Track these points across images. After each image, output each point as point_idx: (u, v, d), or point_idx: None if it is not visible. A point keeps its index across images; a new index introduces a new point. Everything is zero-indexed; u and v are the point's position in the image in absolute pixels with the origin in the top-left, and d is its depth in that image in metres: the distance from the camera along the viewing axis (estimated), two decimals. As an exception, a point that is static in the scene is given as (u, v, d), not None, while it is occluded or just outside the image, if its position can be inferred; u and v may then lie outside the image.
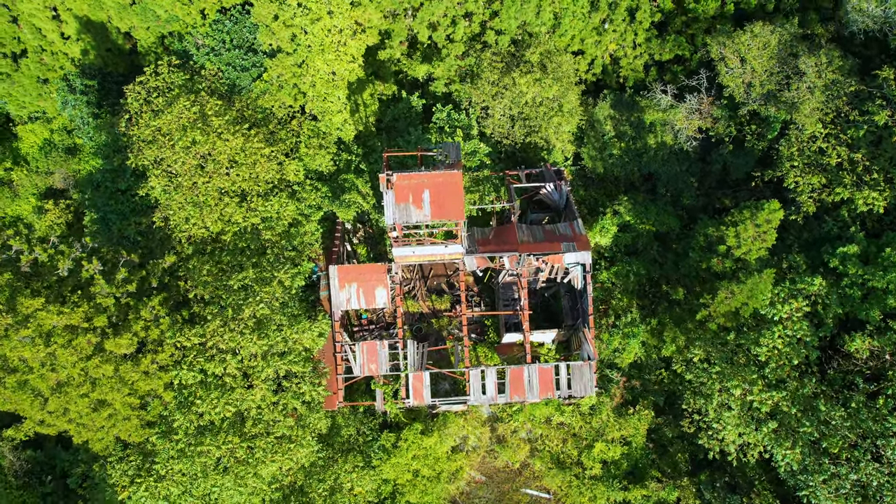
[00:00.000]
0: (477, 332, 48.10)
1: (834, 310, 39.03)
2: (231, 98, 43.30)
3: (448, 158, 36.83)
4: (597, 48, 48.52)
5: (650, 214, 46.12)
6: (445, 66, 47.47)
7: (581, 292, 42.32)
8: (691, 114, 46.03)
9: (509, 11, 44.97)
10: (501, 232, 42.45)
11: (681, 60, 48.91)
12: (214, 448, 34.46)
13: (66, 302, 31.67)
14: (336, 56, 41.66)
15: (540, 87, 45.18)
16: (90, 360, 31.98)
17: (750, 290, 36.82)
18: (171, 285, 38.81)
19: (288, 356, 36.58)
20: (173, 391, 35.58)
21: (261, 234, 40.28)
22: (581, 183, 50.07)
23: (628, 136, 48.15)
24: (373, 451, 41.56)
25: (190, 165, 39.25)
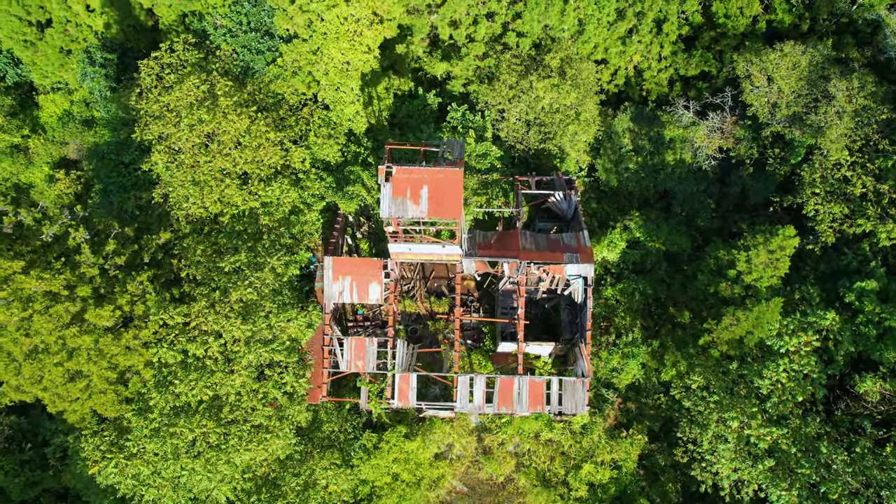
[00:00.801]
0: (473, 339, 46.43)
1: (846, 347, 36.56)
2: (244, 81, 42.55)
3: (451, 155, 35.39)
4: (621, 58, 46.72)
5: (661, 233, 44.05)
6: (464, 65, 46.14)
7: (581, 306, 40.43)
8: (712, 132, 43.94)
9: (532, 14, 43.48)
10: (504, 237, 40.83)
11: (707, 77, 46.84)
12: (188, 430, 33.41)
13: (49, 268, 30.93)
14: (350, 45, 40.61)
15: (557, 93, 43.56)
16: (68, 329, 31.19)
17: (756, 319, 34.59)
18: (165, 263, 38.01)
19: (271, 344, 35.43)
20: (153, 369, 34.61)
21: (259, 219, 39.30)
22: (594, 195, 48.19)
23: (646, 151, 46.18)
24: (353, 449, 40.14)
25: (193, 143, 38.48)
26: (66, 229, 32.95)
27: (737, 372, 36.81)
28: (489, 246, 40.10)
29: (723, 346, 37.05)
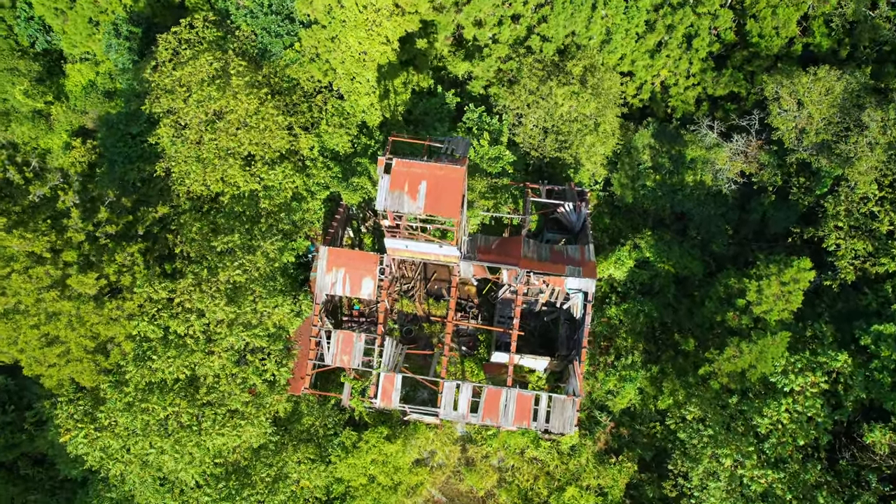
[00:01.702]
0: (468, 346, 44.64)
1: (857, 393, 33.83)
2: (260, 63, 41.72)
3: (454, 152, 33.83)
4: (647, 72, 44.67)
5: (673, 255, 41.78)
6: (485, 66, 44.62)
7: (579, 322, 38.38)
8: (736, 155, 41.59)
9: (558, 18, 41.77)
10: (506, 243, 39.06)
11: (735, 98, 44.48)
12: (160, 408, 32.36)
13: (33, 229, 30.22)
14: (368, 35, 39.45)
15: (577, 101, 41.72)
16: (48, 293, 30.41)
17: (760, 352, 32.18)
18: (160, 237, 37.16)
19: (254, 329, 34.23)
20: (134, 342, 33.67)
21: (259, 202, 38.26)
22: (607, 210, 46.11)
23: (665, 170, 43.98)
24: (332, 446, 38.61)
25: (200, 120, 37.68)
26: (56, 192, 32.26)
27: (736, 407, 34.36)
28: (489, 251, 38.37)
29: (723, 378, 34.63)
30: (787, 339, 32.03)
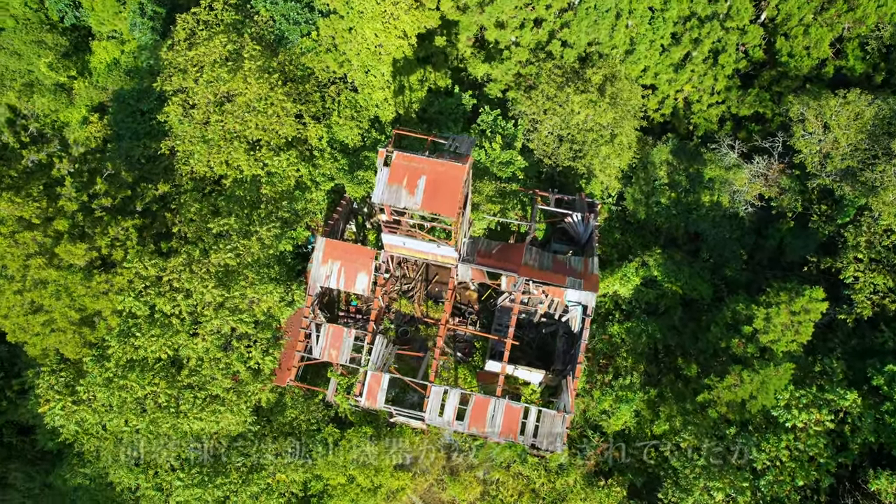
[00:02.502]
0: (464, 353, 43.11)
1: (865, 435, 31.51)
2: (276, 49, 41.02)
3: (457, 150, 32.55)
4: (670, 86, 42.92)
5: (682, 275, 39.82)
6: (504, 69, 43.33)
7: (577, 336, 36.63)
8: (756, 178, 39.56)
9: (580, 25, 40.32)
10: (507, 249, 37.55)
11: (760, 119, 42.48)
12: (138, 386, 31.50)
13: (25, 194, 29.68)
14: (384, 27, 38.51)
15: (593, 110, 40.16)
16: (34, 259, 29.79)
17: (762, 382, 30.11)
18: (159, 215, 36.48)
19: (240, 314, 33.21)
20: (120, 318, 32.92)
21: (261, 188, 37.40)
22: (618, 225, 44.31)
23: (681, 188, 42.09)
24: (313, 442, 37.32)
25: (208, 101, 37.04)
26: (52, 159, 31.77)
27: (733, 439, 32.23)
28: (490, 255, 36.90)
29: (722, 407, 32.56)
30: (790, 371, 29.92)
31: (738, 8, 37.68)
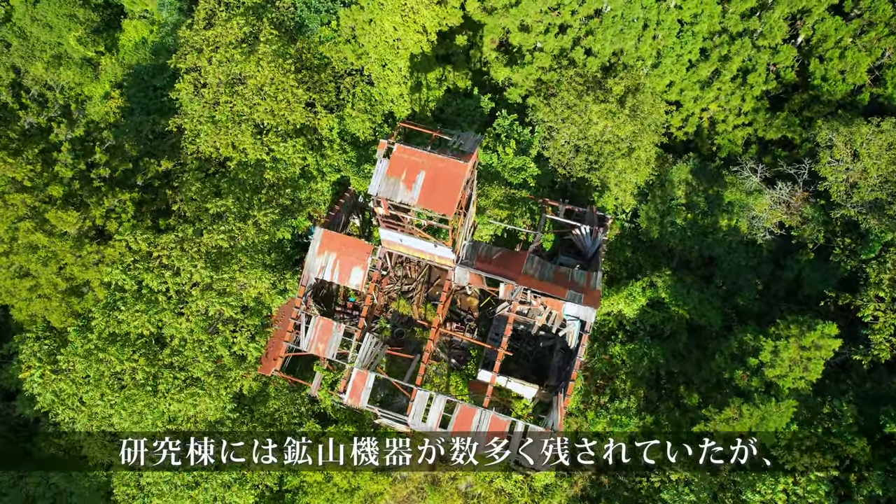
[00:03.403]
0: (459, 360, 41.43)
1: (871, 488, 28.97)
2: (295, 37, 40.26)
3: (461, 147, 31.13)
4: (695, 104, 40.93)
5: (691, 300, 37.66)
6: (525, 73, 41.86)
7: (573, 352, 34.74)
8: (777, 204, 37.28)
9: (606, 33, 38.67)
10: (509, 256, 35.90)
11: (788, 144, 40.15)
12: (116, 360, 30.63)
13: (18, 155, 29.13)
14: (403, 21, 37.42)
15: (612, 121, 38.40)
16: (22, 222, 29.18)
17: (761, 418, 27.84)
18: (161, 191, 35.77)
19: (227, 297, 32.15)
20: (108, 290, 32.17)
21: (264, 172, 36.48)
22: (629, 243, 42.30)
23: (699, 210, 39.96)
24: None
25: (219, 81, 36.34)
26: (50, 124, 31.22)
27: (727, 476, 29.91)
28: (489, 261, 35.30)
29: (719, 440, 30.26)
30: (792, 409, 27.62)
31: (772, 26, 35.65)
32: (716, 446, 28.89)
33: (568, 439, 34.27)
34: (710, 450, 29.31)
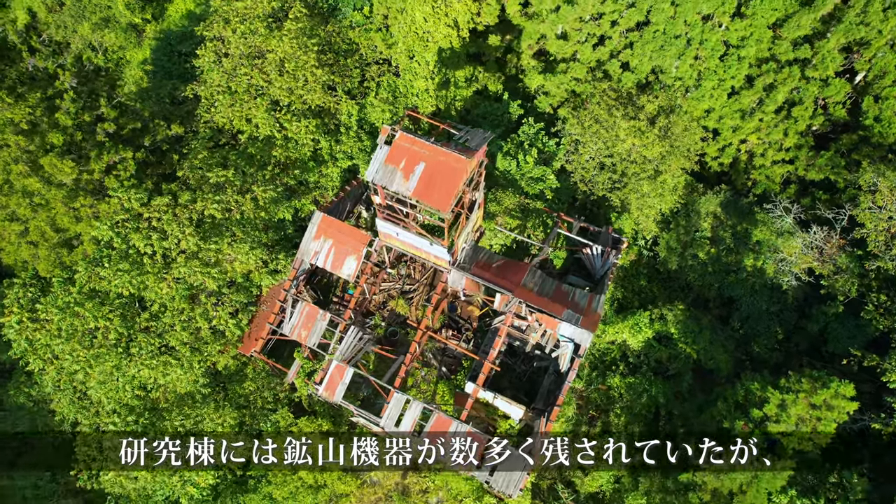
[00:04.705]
0: (450, 369, 39.13)
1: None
2: (327, 18, 39.14)
3: (467, 143, 29.15)
4: (734, 134, 37.91)
5: (701, 340, 34.56)
6: (557, 81, 39.67)
7: (564, 376, 32.10)
8: (809, 249, 33.89)
9: (645, 48, 36.19)
10: (510, 266, 33.60)
11: (830, 187, 36.65)
12: (91, 317, 29.62)
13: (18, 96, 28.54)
14: (434, 12, 35.82)
15: (640, 140, 35.81)
16: (15, 165, 28.56)
17: (754, 476, 24.62)
18: (168, 156, 34.94)
19: (210, 268, 30.85)
20: (96, 245, 31.33)
21: (273, 148, 35.28)
22: (645, 272, 39.39)
23: (724, 246, 36.85)
24: (265, 421, 34.37)
25: (241, 53, 35.40)
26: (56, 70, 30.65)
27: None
28: (488, 268, 33.07)
29: (706, 494, 27.15)
30: (789, 471, 24.32)
31: (825, 56, 32.55)
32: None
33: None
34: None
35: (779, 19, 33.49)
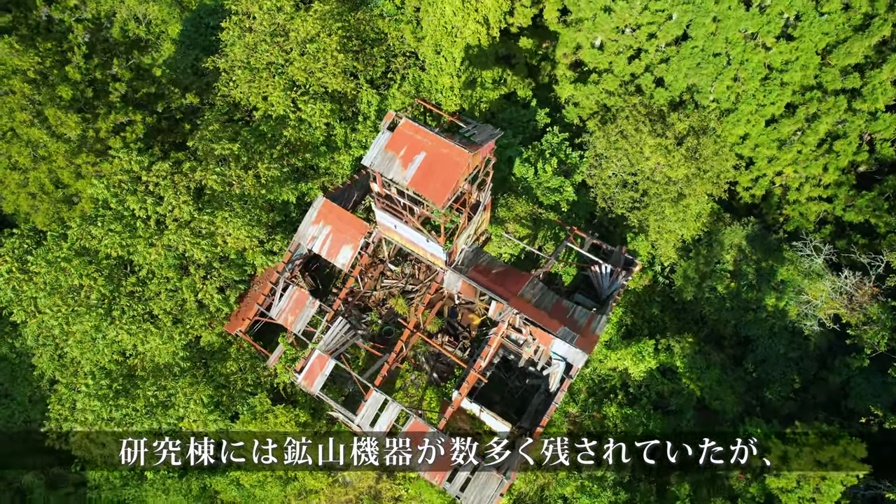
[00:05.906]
0: (440, 375, 37.21)
1: None
2: (359, 6, 38.25)
3: (472, 137, 27.49)
4: (769, 165, 35.22)
5: (708, 377, 31.91)
6: (587, 91, 37.75)
7: (553, 396, 29.87)
8: (838, 294, 30.91)
9: (681, 64, 33.99)
10: (510, 274, 31.64)
11: (870, 231, 33.53)
12: (76, 274, 28.92)
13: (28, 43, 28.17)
14: (463, 7, 34.47)
15: (665, 159, 33.54)
16: (21, 113, 28.16)
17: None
18: (181, 125, 34.34)
19: (201, 239, 29.87)
20: (94, 204, 30.79)
21: (284, 128, 34.34)
22: (659, 300, 36.82)
23: (746, 281, 34.15)
24: (242, 404, 33.10)
25: (264, 30, 34.68)
26: (71, 24, 30.24)
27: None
28: (487, 273, 31.18)
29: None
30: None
31: (875, 87, 29.76)
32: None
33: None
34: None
35: (829, 44, 30.89)
